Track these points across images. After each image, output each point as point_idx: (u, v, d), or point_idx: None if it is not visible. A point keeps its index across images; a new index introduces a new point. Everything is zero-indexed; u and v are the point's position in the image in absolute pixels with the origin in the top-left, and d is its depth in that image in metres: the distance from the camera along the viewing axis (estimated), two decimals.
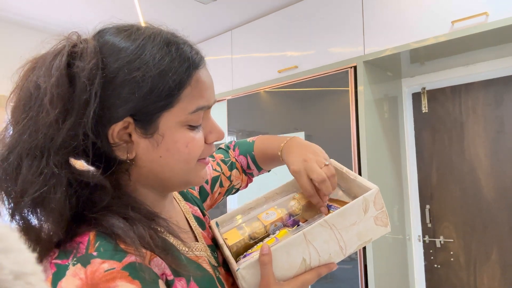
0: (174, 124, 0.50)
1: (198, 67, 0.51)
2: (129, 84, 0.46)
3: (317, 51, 2.22)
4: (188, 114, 0.50)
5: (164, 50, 0.49)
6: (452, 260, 2.13)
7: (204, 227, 0.67)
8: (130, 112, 0.47)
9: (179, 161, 0.51)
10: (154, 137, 0.49)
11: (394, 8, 1.91)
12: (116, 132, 0.48)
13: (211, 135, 0.55)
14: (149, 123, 0.48)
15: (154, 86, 0.47)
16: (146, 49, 0.48)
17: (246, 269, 0.54)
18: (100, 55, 0.47)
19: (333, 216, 0.57)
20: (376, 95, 2.08)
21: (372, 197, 0.59)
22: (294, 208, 0.67)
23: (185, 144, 0.51)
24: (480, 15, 1.63)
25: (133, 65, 0.47)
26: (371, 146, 1.98)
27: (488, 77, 2.07)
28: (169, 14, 2.58)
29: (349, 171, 0.68)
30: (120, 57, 0.47)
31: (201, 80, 0.51)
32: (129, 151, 0.50)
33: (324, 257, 0.58)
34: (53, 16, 2.61)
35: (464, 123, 2.14)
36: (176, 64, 0.49)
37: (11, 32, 2.68)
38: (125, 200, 0.50)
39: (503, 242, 1.97)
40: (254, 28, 2.59)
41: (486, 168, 2.05)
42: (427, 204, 2.24)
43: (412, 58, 2.02)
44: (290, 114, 2.31)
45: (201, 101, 0.51)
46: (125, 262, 0.42)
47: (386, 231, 0.62)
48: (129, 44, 0.48)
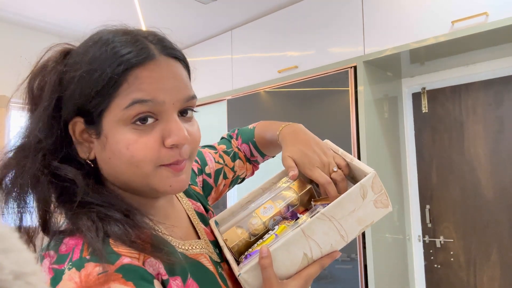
0: (115, 124, 0.48)
1: (137, 64, 0.48)
2: (71, 84, 0.49)
3: (317, 51, 2.22)
4: (123, 109, 0.47)
5: (102, 49, 0.49)
6: (452, 260, 2.13)
7: (207, 223, 0.67)
8: (75, 110, 0.50)
9: (125, 164, 0.49)
10: (101, 138, 0.50)
11: (394, 8, 1.91)
12: (78, 132, 0.51)
13: (168, 139, 0.49)
14: (94, 123, 0.50)
15: (86, 83, 0.48)
16: (89, 51, 0.50)
17: (247, 273, 0.54)
18: (63, 61, 0.52)
19: (330, 208, 0.56)
20: (376, 95, 2.08)
21: (370, 182, 0.57)
22: (292, 199, 0.65)
23: (125, 146, 0.48)
24: (480, 15, 1.63)
25: (76, 66, 0.50)
26: (371, 146, 1.98)
27: (488, 77, 2.07)
28: (169, 14, 2.58)
29: (345, 153, 0.66)
30: (71, 61, 0.51)
31: (142, 76, 0.48)
32: (90, 152, 0.52)
33: (325, 248, 0.57)
34: (53, 16, 2.61)
35: (464, 123, 2.14)
36: (108, 62, 0.48)
37: (11, 32, 2.68)
38: (105, 197, 0.50)
39: (503, 242, 1.97)
40: (254, 28, 2.59)
41: (486, 168, 2.05)
42: (427, 204, 2.24)
43: (412, 58, 2.02)
44: (290, 114, 2.31)
45: (137, 94, 0.47)
46: (118, 264, 0.43)
47: (388, 211, 0.60)
48: (83, 47, 0.52)
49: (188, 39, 2.97)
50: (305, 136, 0.70)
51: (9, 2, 2.40)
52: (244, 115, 2.59)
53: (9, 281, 0.23)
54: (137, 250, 0.46)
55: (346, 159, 0.65)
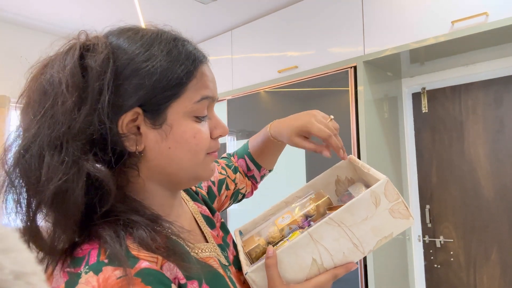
0: (182, 115, 0.51)
1: (202, 61, 0.54)
2: (139, 74, 0.48)
3: (317, 51, 2.22)
4: (194, 103, 0.51)
5: (171, 44, 0.52)
6: (452, 260, 2.13)
7: (213, 226, 0.67)
8: (140, 101, 0.49)
9: (188, 152, 0.52)
10: (163, 128, 0.50)
11: (394, 8, 1.91)
12: (125, 123, 0.49)
13: (216, 130, 0.56)
14: (157, 113, 0.50)
15: (163, 75, 0.49)
16: (154, 44, 0.51)
17: (254, 272, 0.55)
18: (110, 48, 0.49)
19: (339, 212, 0.55)
20: (376, 95, 2.08)
21: (381, 188, 0.55)
22: (309, 209, 0.65)
23: (192, 135, 0.52)
24: (480, 15, 1.63)
25: (142, 57, 0.49)
26: (371, 146, 1.98)
27: (488, 77, 2.07)
28: (169, 14, 2.58)
29: (364, 164, 0.66)
30: (129, 51, 0.50)
31: (205, 73, 0.54)
32: (138, 143, 0.50)
33: (337, 256, 0.55)
34: (53, 16, 2.61)
35: (464, 123, 2.14)
36: (183, 56, 0.51)
37: (11, 32, 2.68)
38: (129, 203, 0.50)
39: (503, 242, 1.97)
40: (254, 28, 2.59)
41: (486, 168, 2.05)
42: (427, 204, 2.24)
43: (412, 58, 2.02)
44: (290, 114, 2.30)
45: (205, 91, 0.53)
46: (137, 268, 0.42)
47: (409, 224, 0.57)
48: (136, 40, 0.51)
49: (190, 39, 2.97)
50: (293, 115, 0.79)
51: (9, 2, 2.40)
52: (244, 115, 2.59)
53: (10, 281, 0.23)
54: (160, 255, 0.46)
55: (364, 169, 0.65)
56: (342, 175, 0.75)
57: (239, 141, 2.60)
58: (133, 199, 0.51)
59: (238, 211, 2.54)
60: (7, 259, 0.23)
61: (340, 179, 0.75)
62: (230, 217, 2.59)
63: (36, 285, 0.24)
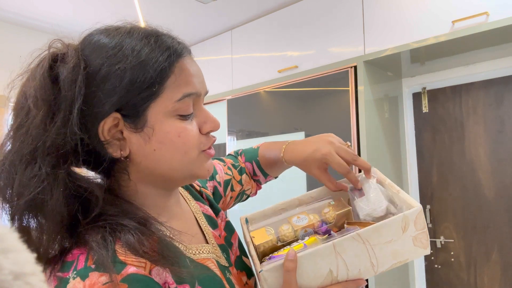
0: (163, 115, 0.49)
1: (181, 55, 0.51)
2: (111, 78, 0.47)
3: (317, 51, 2.22)
4: (175, 102, 0.49)
5: (143, 41, 0.49)
6: (453, 260, 2.13)
7: (216, 226, 0.66)
8: (116, 106, 0.47)
9: (175, 152, 0.50)
10: (145, 131, 0.49)
11: (394, 8, 1.91)
12: (107, 130, 0.48)
13: (205, 125, 0.54)
14: (137, 116, 0.48)
15: (135, 77, 0.47)
16: (126, 43, 0.48)
17: (269, 271, 0.53)
18: (82, 55, 0.48)
19: (367, 230, 0.54)
20: (376, 95, 2.08)
21: (414, 216, 0.55)
22: (327, 216, 0.64)
23: (176, 134, 0.50)
24: (480, 15, 1.63)
25: (114, 59, 0.47)
26: (371, 146, 1.98)
27: (488, 77, 2.07)
28: (169, 14, 2.58)
29: (392, 184, 0.64)
30: (102, 53, 0.48)
31: (185, 68, 0.51)
32: (123, 148, 0.50)
33: (353, 271, 0.55)
34: (53, 16, 2.61)
35: (465, 123, 2.14)
36: (156, 53, 0.49)
37: (11, 32, 2.68)
38: (120, 205, 0.49)
39: (504, 242, 1.97)
40: (254, 28, 2.59)
41: (486, 168, 2.05)
42: (428, 204, 2.24)
43: (412, 58, 2.02)
44: (290, 114, 2.31)
45: (187, 88, 0.50)
46: (124, 273, 0.42)
47: (425, 253, 0.58)
48: (109, 40, 0.49)
49: (188, 39, 2.97)
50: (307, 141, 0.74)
51: (9, 2, 2.40)
52: (244, 115, 2.59)
53: (9, 281, 0.23)
54: (148, 260, 0.45)
55: (393, 189, 0.63)
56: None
57: (239, 141, 2.60)
58: (124, 201, 0.51)
59: (238, 211, 2.54)
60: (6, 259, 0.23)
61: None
62: (230, 217, 2.59)
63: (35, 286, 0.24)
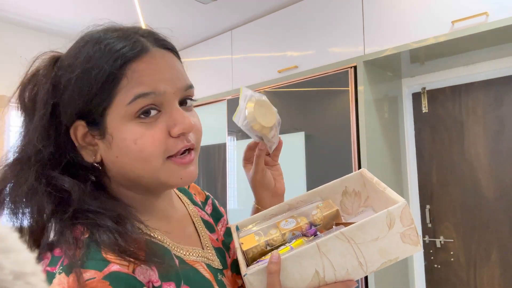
0: (120, 120, 0.48)
1: (133, 57, 0.49)
2: (69, 87, 0.49)
3: (317, 51, 2.22)
4: (127, 105, 0.48)
5: (95, 47, 0.49)
6: (452, 260, 2.13)
7: (213, 230, 0.66)
8: (75, 113, 0.49)
9: (134, 160, 0.49)
10: (106, 138, 0.49)
11: (394, 8, 1.91)
12: (80, 136, 0.51)
13: (174, 128, 0.50)
14: (97, 123, 0.49)
15: (84, 84, 0.48)
16: (82, 51, 0.50)
17: (253, 275, 0.53)
18: (54, 67, 0.51)
19: (351, 228, 0.53)
20: (376, 95, 2.08)
21: (398, 211, 0.54)
22: (315, 218, 0.63)
23: (133, 140, 0.48)
24: (480, 15, 1.63)
25: (69, 69, 0.49)
26: (371, 146, 1.98)
27: (488, 77, 2.07)
28: (169, 14, 2.58)
29: (379, 182, 0.64)
30: (64, 64, 0.50)
31: (141, 69, 0.48)
32: (96, 154, 0.51)
33: (340, 272, 0.54)
34: (53, 16, 2.61)
35: (464, 123, 2.14)
36: (104, 60, 0.48)
37: (11, 32, 2.68)
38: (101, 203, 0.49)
39: (503, 242, 1.97)
40: (254, 28, 2.59)
41: (486, 168, 2.05)
42: (427, 204, 2.24)
43: (412, 58, 2.02)
44: (290, 114, 2.31)
45: (139, 89, 0.48)
46: (106, 271, 0.42)
47: (416, 250, 0.56)
48: (73, 49, 0.51)
49: (188, 39, 2.97)
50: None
51: (9, 2, 2.40)
52: None
53: (9, 281, 0.23)
54: (128, 258, 0.45)
55: (379, 187, 0.63)
56: (350, 187, 0.73)
57: (239, 141, 2.60)
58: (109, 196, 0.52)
59: (238, 211, 2.54)
60: (6, 259, 0.23)
61: (348, 190, 0.73)
62: (230, 217, 2.59)
63: (35, 285, 0.24)
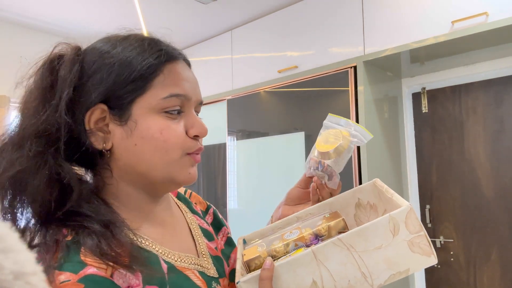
0: (148, 110, 0.51)
1: (172, 59, 0.54)
2: (100, 71, 0.50)
3: (317, 51, 2.22)
4: (161, 99, 0.51)
5: (138, 43, 0.53)
6: (452, 260, 2.13)
7: (212, 239, 0.66)
8: (102, 96, 0.50)
9: (155, 149, 0.51)
10: (128, 124, 0.50)
11: (394, 8, 1.91)
12: (94, 121, 0.51)
13: (192, 129, 0.54)
14: (122, 109, 0.50)
15: (122, 70, 0.50)
16: (120, 45, 0.53)
17: (246, 283, 0.51)
18: (80, 53, 0.53)
19: (350, 234, 0.49)
20: (376, 95, 2.08)
21: (402, 216, 0.49)
22: (319, 228, 0.59)
23: (159, 130, 0.51)
24: (480, 15, 1.63)
25: (106, 56, 0.51)
26: (371, 146, 1.98)
27: (488, 77, 2.07)
28: (169, 14, 2.58)
29: (388, 189, 0.60)
30: (97, 51, 0.52)
31: (175, 71, 0.53)
32: (106, 141, 0.52)
33: (341, 283, 0.49)
34: (53, 16, 2.61)
35: (464, 123, 2.14)
36: (147, 53, 0.52)
37: (11, 32, 2.68)
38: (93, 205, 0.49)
39: (503, 242, 1.97)
40: (254, 28, 2.59)
41: (486, 168, 2.05)
42: (427, 204, 2.24)
43: (412, 58, 2.02)
44: (290, 114, 2.31)
45: (174, 89, 0.52)
46: (82, 274, 0.42)
47: (430, 263, 0.50)
48: (107, 42, 0.54)
49: (188, 39, 2.97)
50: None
51: (9, 2, 2.40)
52: (244, 115, 2.59)
53: (9, 281, 0.23)
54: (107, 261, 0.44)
55: (387, 194, 0.60)
56: (364, 199, 0.68)
57: (239, 141, 2.60)
58: (101, 201, 0.51)
59: (238, 211, 2.54)
60: (7, 259, 0.23)
61: (362, 203, 0.68)
62: (230, 216, 2.59)
63: (35, 285, 0.24)
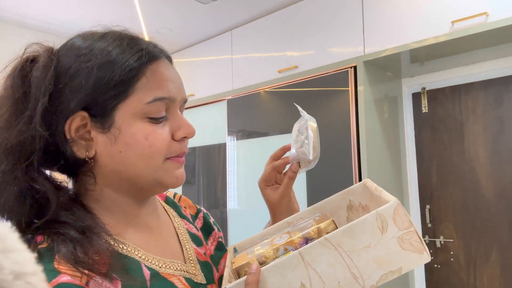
0: (131, 116, 0.49)
1: (154, 58, 0.51)
2: (79, 76, 0.47)
3: (317, 51, 2.22)
4: (145, 104, 0.48)
5: (116, 43, 0.49)
6: (452, 260, 2.13)
7: (200, 244, 0.65)
8: (82, 104, 0.47)
9: (141, 155, 0.49)
10: (111, 131, 0.48)
11: (394, 8, 1.91)
12: (74, 129, 0.48)
13: (179, 132, 0.52)
14: (104, 116, 0.48)
15: (102, 75, 0.47)
16: (98, 44, 0.49)
17: None
18: (55, 55, 0.49)
19: (336, 233, 0.47)
20: (376, 95, 2.08)
21: (390, 211, 0.47)
22: (309, 231, 0.57)
23: (144, 136, 0.49)
24: (480, 15, 1.63)
25: (83, 58, 0.48)
26: (371, 146, 1.98)
27: (488, 77, 2.07)
28: (169, 14, 2.58)
29: (377, 187, 0.59)
30: (73, 53, 0.49)
31: (159, 71, 0.50)
32: (89, 149, 0.49)
33: (331, 285, 0.48)
34: (53, 16, 2.61)
35: (464, 123, 2.14)
36: (127, 54, 0.49)
37: (11, 32, 2.68)
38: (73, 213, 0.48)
39: (503, 242, 1.97)
40: (254, 28, 2.59)
41: (486, 168, 2.05)
42: (427, 204, 2.24)
43: (412, 58, 2.02)
44: (290, 114, 2.31)
45: (159, 92, 0.49)
46: (55, 282, 0.41)
47: (423, 260, 0.48)
48: (83, 42, 0.50)
49: (188, 39, 2.97)
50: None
51: (9, 2, 2.40)
52: (244, 115, 2.59)
53: (9, 281, 0.23)
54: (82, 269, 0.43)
55: (376, 192, 0.58)
56: (356, 200, 0.66)
57: (239, 141, 2.60)
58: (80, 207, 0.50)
59: (238, 211, 2.54)
60: (6, 259, 0.23)
61: (353, 204, 0.67)
62: (230, 217, 2.59)
63: (35, 285, 0.24)
